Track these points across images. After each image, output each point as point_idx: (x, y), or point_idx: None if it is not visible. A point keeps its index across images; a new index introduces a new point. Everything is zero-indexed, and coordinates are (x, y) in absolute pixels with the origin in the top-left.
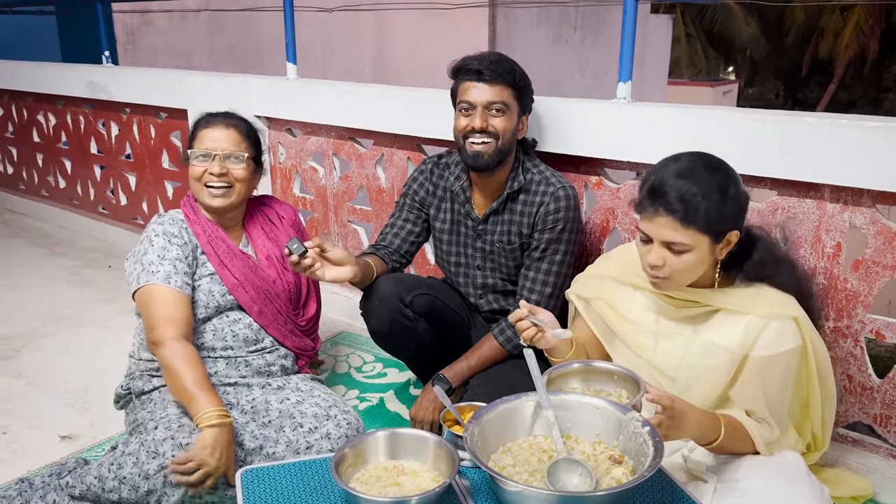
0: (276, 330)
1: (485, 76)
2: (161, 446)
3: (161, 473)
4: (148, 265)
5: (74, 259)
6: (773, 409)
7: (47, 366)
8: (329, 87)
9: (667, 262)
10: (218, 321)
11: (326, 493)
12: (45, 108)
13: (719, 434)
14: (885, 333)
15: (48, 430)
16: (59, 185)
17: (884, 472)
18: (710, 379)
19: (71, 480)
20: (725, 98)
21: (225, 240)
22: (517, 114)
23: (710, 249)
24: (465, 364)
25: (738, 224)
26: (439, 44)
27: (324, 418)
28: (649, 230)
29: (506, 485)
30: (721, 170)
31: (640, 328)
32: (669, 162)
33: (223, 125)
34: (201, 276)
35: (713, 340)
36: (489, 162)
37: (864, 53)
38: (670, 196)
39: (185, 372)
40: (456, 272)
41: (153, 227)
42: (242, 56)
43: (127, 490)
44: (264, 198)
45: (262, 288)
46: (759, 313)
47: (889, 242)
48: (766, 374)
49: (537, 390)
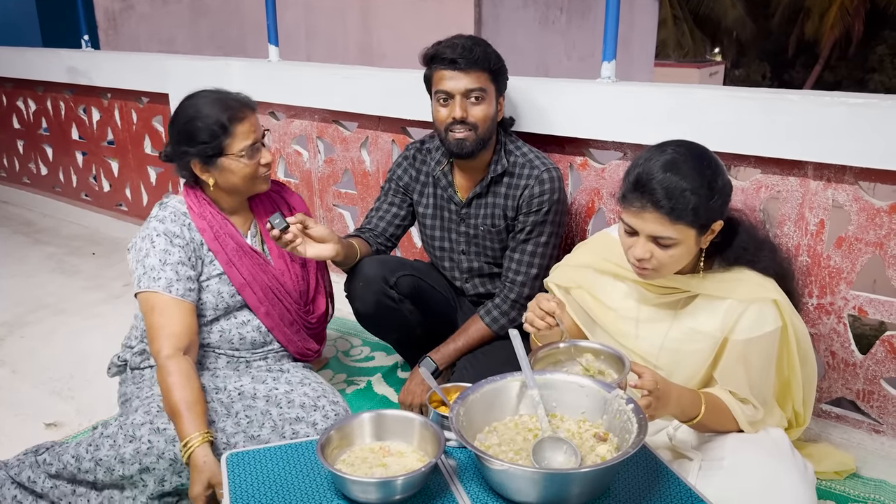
0: (282, 333)
1: (460, 64)
2: (139, 430)
3: (137, 458)
4: (150, 269)
5: (58, 247)
6: (756, 391)
7: (32, 354)
8: (312, 69)
9: (654, 255)
10: (226, 322)
11: (312, 475)
12: (24, 94)
13: (699, 411)
14: (868, 310)
15: (33, 417)
16: (40, 172)
17: (866, 447)
18: (691, 364)
19: (48, 458)
20: (712, 80)
21: (233, 235)
22: (494, 97)
23: (696, 241)
24: (453, 346)
25: (723, 214)
26: (425, 27)
27: (311, 408)
28: (636, 224)
29: (491, 463)
30: (707, 161)
31: (621, 315)
32: (654, 153)
33: (249, 110)
34: (210, 275)
35: (693, 326)
36: (473, 149)
37: (850, 34)
38: (658, 192)
39: (177, 394)
40: (441, 256)
41: (154, 224)
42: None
43: (102, 472)
44: (274, 184)
45: (270, 287)
46: (739, 297)
47: (871, 219)
48: (747, 358)
49: (523, 370)
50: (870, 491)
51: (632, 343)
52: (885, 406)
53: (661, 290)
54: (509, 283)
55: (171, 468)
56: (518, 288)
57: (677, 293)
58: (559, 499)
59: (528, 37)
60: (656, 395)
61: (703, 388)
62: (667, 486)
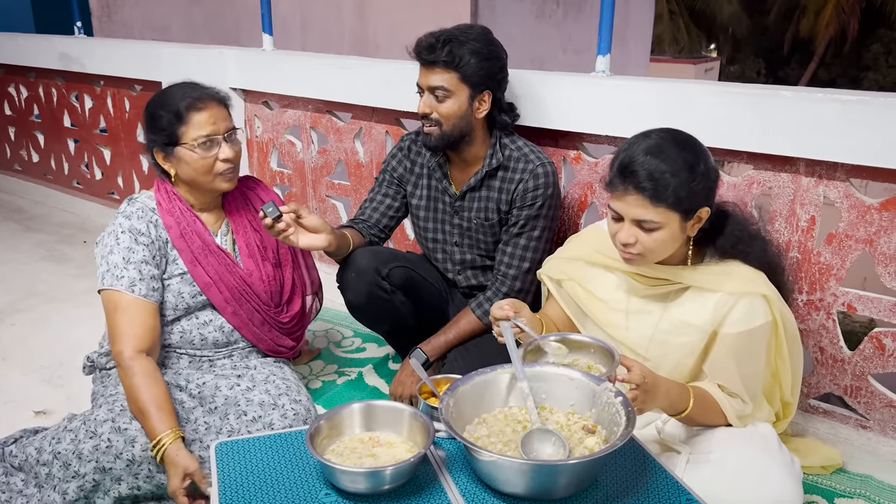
0: (251, 332)
1: (426, 60)
2: (100, 427)
3: (94, 456)
4: (113, 267)
5: (49, 234)
6: (746, 385)
7: (22, 341)
8: (306, 58)
9: (638, 240)
10: (187, 323)
11: (302, 465)
12: (16, 80)
13: (688, 405)
14: (857, 306)
15: (23, 405)
16: (32, 159)
17: (853, 442)
18: (680, 356)
19: (14, 450)
20: (707, 75)
21: (200, 233)
22: (467, 96)
23: (680, 227)
24: (443, 338)
25: (709, 200)
26: (420, 17)
27: (270, 407)
28: (619, 208)
29: (480, 455)
30: (690, 146)
31: (612, 307)
32: (639, 139)
33: (214, 101)
34: (171, 274)
35: (683, 318)
36: (437, 144)
37: (845, 32)
38: (639, 174)
39: (144, 394)
40: (434, 248)
41: (120, 220)
42: (220, 29)
43: (58, 466)
44: (248, 180)
45: (237, 287)
46: (729, 290)
47: (862, 216)
48: (737, 351)
49: (513, 362)
50: (856, 486)
51: (622, 334)
52: (872, 402)
53: (651, 282)
54: (501, 276)
55: (127, 469)
56: (510, 281)
57: (667, 284)
58: (547, 490)
59: (524, 29)
60: (644, 389)
61: (692, 381)
62: (654, 478)
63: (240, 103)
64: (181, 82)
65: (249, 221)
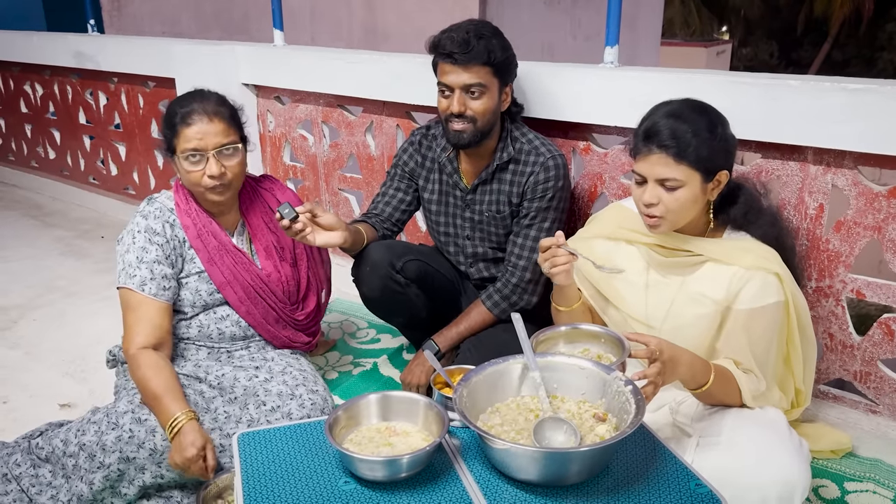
0: (264, 329)
1: (458, 60)
2: (122, 418)
3: (118, 446)
4: (127, 265)
5: (67, 230)
6: (759, 362)
7: (44, 336)
8: (317, 53)
9: (661, 200)
10: (205, 317)
11: (321, 454)
12: (31, 78)
13: (709, 378)
14: (866, 292)
15: (47, 398)
16: (48, 155)
17: (863, 427)
18: (695, 330)
19: (41, 442)
20: (719, 59)
21: (216, 234)
22: (497, 90)
23: (701, 188)
24: (455, 330)
25: (728, 164)
26: (429, 7)
27: (288, 397)
28: (643, 170)
29: (493, 443)
30: (710, 111)
31: (630, 280)
32: (660, 106)
33: (205, 116)
34: (189, 273)
35: (700, 290)
36: (470, 141)
37: (860, 11)
38: (663, 133)
39: (152, 382)
40: (446, 241)
41: (138, 219)
42: (230, 21)
43: (84, 458)
44: (265, 180)
45: (251, 286)
46: (744, 265)
47: (870, 203)
48: (750, 328)
49: (524, 352)
50: (865, 470)
51: (640, 311)
52: (882, 387)
53: (671, 253)
54: (511, 267)
55: (150, 458)
56: (520, 272)
57: (687, 256)
58: (559, 477)
59: (533, 16)
60: (663, 360)
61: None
62: (663, 464)
63: (252, 99)
64: (194, 90)
65: (266, 223)
